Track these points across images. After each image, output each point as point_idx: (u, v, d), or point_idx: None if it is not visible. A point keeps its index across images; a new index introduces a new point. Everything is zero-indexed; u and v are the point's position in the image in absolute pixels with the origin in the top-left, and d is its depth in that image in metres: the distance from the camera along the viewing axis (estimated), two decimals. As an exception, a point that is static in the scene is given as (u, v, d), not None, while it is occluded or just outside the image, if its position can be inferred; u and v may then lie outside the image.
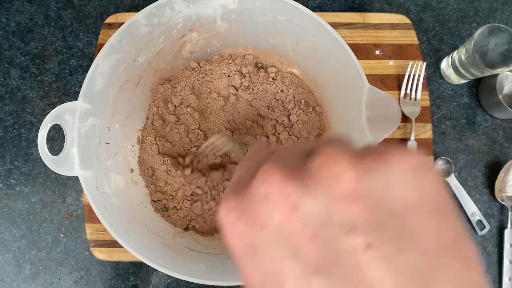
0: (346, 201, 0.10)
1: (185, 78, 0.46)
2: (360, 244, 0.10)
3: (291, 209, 0.11)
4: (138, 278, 0.47)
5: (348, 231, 0.10)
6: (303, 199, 0.11)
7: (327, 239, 0.10)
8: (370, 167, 0.11)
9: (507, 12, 0.55)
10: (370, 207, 0.10)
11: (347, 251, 0.10)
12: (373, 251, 0.10)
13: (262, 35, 0.43)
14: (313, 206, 0.11)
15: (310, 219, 0.11)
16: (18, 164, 0.50)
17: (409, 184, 0.10)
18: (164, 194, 0.43)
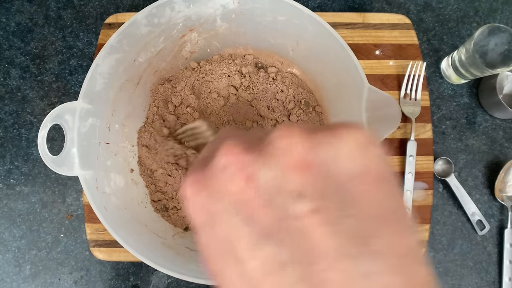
0: (297, 171, 0.11)
1: (185, 78, 0.46)
2: (307, 210, 0.11)
3: (247, 178, 0.12)
4: (138, 278, 0.47)
5: (296, 198, 0.11)
6: (258, 169, 0.12)
7: (278, 206, 0.11)
8: (321, 141, 0.12)
9: (507, 12, 0.55)
10: (318, 177, 0.11)
11: (295, 217, 0.11)
12: (318, 216, 0.11)
13: (262, 35, 0.43)
14: (267, 175, 0.11)
15: (263, 188, 0.11)
16: (18, 164, 0.50)
17: (355, 157, 0.11)
18: (164, 194, 0.43)
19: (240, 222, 0.12)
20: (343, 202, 0.11)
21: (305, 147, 0.11)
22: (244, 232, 0.12)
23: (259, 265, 0.11)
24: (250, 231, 0.11)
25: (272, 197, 0.11)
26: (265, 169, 0.12)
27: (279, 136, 0.12)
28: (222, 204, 0.12)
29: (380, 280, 0.10)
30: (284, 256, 0.11)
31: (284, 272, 0.11)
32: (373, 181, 0.11)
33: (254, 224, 0.11)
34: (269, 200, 0.11)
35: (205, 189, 0.13)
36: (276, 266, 0.11)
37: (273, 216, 0.11)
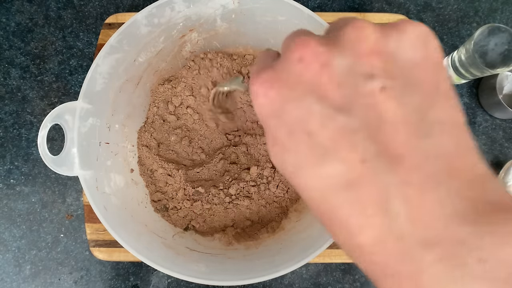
0: (368, 57, 0.13)
1: (184, 79, 0.46)
2: (377, 87, 0.12)
3: (322, 65, 0.13)
4: (138, 278, 0.47)
5: (368, 78, 0.13)
6: (333, 58, 0.13)
7: (350, 86, 0.13)
8: (388, 33, 0.13)
9: (507, 12, 0.55)
10: (386, 62, 0.13)
11: (366, 93, 0.12)
12: (387, 92, 0.12)
13: (262, 35, 0.43)
14: (341, 62, 0.13)
15: (337, 73, 0.13)
16: (18, 164, 0.50)
17: (417, 47, 0.13)
18: (164, 194, 0.43)
19: (313, 101, 0.13)
20: (408, 83, 0.13)
21: (376, 37, 0.13)
22: (317, 109, 0.13)
23: (330, 133, 0.12)
24: (322, 107, 0.13)
25: (345, 79, 0.13)
26: (340, 57, 0.13)
27: (352, 29, 0.13)
28: (295, 92, 0.13)
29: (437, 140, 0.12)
30: (355, 123, 0.12)
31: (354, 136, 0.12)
32: (431, 67, 0.13)
33: (327, 101, 0.13)
34: (342, 82, 0.13)
35: (278, 81, 0.14)
36: (347, 133, 0.12)
37: (345, 94, 0.13)
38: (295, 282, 0.47)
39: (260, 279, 0.32)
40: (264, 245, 0.40)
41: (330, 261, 0.45)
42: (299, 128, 0.13)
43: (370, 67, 0.13)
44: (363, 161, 0.12)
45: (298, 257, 0.32)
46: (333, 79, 0.13)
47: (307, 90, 0.13)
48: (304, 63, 0.13)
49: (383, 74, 0.13)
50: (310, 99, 0.13)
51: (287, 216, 0.43)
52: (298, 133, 0.13)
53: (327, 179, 0.13)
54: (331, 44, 0.13)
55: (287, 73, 0.14)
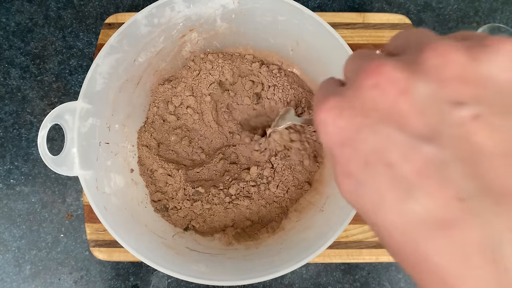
0: (455, 82, 0.11)
1: (184, 79, 0.46)
2: (468, 116, 0.11)
3: (401, 92, 0.11)
4: (138, 278, 0.47)
5: (456, 105, 0.11)
6: (413, 84, 0.11)
7: (435, 114, 0.11)
8: (477, 54, 0.11)
9: (507, 12, 0.55)
10: (476, 86, 0.11)
11: (455, 122, 0.11)
12: (480, 120, 0.11)
13: (262, 35, 0.43)
14: (423, 89, 0.11)
15: (419, 100, 0.11)
16: (18, 164, 0.50)
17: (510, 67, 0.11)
18: (164, 194, 0.43)
19: (392, 130, 0.11)
20: (504, 109, 0.11)
21: (463, 61, 0.11)
22: (397, 138, 0.11)
23: (415, 166, 0.11)
24: (404, 136, 0.11)
25: (428, 107, 0.11)
26: (420, 83, 0.11)
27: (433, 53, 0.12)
28: (371, 119, 0.12)
29: None
30: (445, 155, 0.11)
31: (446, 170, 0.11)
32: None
33: (409, 130, 0.11)
34: (425, 110, 0.11)
35: (348, 108, 0.12)
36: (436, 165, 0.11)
37: (430, 122, 0.11)
38: (295, 282, 0.47)
39: (260, 279, 0.32)
40: (264, 245, 0.40)
41: (330, 261, 0.45)
42: (376, 159, 0.12)
43: (458, 93, 0.11)
44: (461, 199, 0.10)
45: (298, 257, 0.32)
46: (416, 106, 0.11)
47: (384, 118, 0.12)
48: (380, 89, 0.12)
49: (475, 100, 0.11)
50: (389, 127, 0.12)
51: (287, 216, 0.43)
52: (376, 164, 0.12)
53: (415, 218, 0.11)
54: (409, 70, 0.12)
55: (359, 100, 0.12)
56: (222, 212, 0.42)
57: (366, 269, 0.47)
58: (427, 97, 0.11)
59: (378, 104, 0.12)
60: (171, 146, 0.45)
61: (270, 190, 0.42)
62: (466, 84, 0.11)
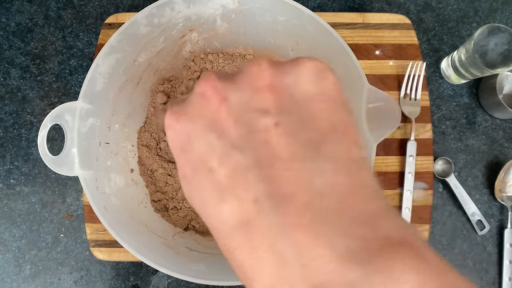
0: (263, 92, 0.13)
1: (184, 79, 0.46)
2: (270, 123, 0.12)
3: (221, 101, 0.13)
4: (138, 278, 0.47)
5: (262, 114, 0.13)
6: (231, 93, 0.13)
7: (246, 122, 0.13)
8: (285, 69, 0.14)
9: (507, 12, 0.55)
10: (281, 97, 0.13)
11: (260, 129, 0.13)
12: (279, 129, 0.12)
13: (262, 35, 0.43)
14: (238, 97, 0.13)
15: (234, 108, 0.13)
16: (18, 164, 0.50)
17: (312, 81, 0.13)
18: (164, 194, 0.43)
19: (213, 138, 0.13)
20: (302, 118, 0.13)
21: (272, 73, 0.13)
22: (216, 145, 0.13)
23: (227, 171, 0.12)
24: (221, 144, 0.13)
25: (241, 115, 0.13)
26: (236, 92, 0.13)
27: (249, 65, 0.14)
28: (197, 126, 0.14)
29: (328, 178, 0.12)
30: (248, 161, 0.12)
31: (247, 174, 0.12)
32: (327, 102, 0.13)
33: (225, 138, 0.13)
34: (239, 118, 0.13)
35: (184, 115, 0.14)
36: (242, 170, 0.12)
37: (241, 131, 0.13)
38: (295, 282, 0.47)
39: (260, 279, 0.32)
40: (264, 245, 0.40)
41: (330, 261, 0.44)
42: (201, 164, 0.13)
43: (264, 103, 0.13)
44: (255, 200, 0.12)
45: (298, 257, 0.32)
46: (231, 114, 0.13)
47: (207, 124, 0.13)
48: (205, 97, 0.14)
49: (277, 110, 0.13)
50: (210, 134, 0.13)
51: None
52: (200, 169, 0.13)
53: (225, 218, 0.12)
54: (230, 81, 0.14)
55: (192, 106, 0.14)
56: (222, 212, 0.42)
57: (366, 269, 0.47)
58: (241, 105, 0.13)
59: (204, 110, 0.14)
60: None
61: None
62: (272, 93, 0.13)
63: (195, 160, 0.13)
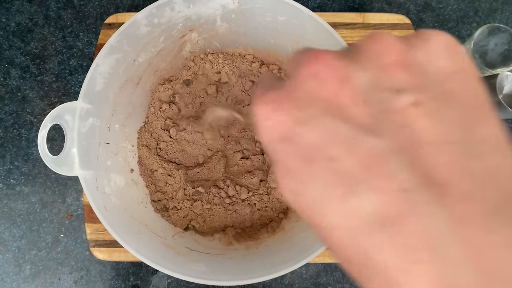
0: (394, 69, 0.11)
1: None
2: (408, 103, 0.11)
3: (342, 81, 0.11)
4: (138, 278, 0.47)
5: (397, 93, 0.11)
6: (353, 72, 0.11)
7: (377, 102, 0.11)
8: (414, 43, 0.12)
9: (507, 12, 0.55)
10: (415, 73, 0.11)
11: (396, 110, 0.11)
12: (420, 107, 0.11)
13: (262, 35, 0.43)
14: (363, 76, 0.11)
15: (359, 89, 0.11)
16: (18, 164, 0.50)
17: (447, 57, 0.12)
18: (164, 194, 0.43)
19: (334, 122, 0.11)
20: (441, 96, 0.11)
21: (400, 49, 0.12)
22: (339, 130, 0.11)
23: (359, 159, 0.10)
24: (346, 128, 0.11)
25: (370, 96, 0.11)
26: (361, 71, 0.11)
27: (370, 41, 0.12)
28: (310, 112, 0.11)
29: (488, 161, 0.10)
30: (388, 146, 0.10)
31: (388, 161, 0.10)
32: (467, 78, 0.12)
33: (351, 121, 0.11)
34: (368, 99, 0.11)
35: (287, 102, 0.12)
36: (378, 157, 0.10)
37: (372, 112, 0.11)
38: (295, 282, 0.47)
39: (260, 279, 0.32)
40: (264, 245, 0.40)
41: (330, 261, 0.45)
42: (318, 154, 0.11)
43: (396, 81, 0.11)
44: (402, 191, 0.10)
45: (298, 257, 0.32)
46: (356, 96, 0.11)
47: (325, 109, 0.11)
48: (319, 79, 0.11)
49: (414, 88, 0.11)
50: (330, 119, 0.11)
51: (287, 216, 0.43)
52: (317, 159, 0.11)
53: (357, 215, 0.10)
54: (349, 58, 0.12)
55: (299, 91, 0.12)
56: (222, 212, 0.42)
57: (366, 269, 0.47)
58: (367, 85, 0.11)
59: (318, 94, 0.11)
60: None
61: (273, 196, 0.42)
62: (405, 70, 0.11)
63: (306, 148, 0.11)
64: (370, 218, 0.10)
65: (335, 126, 0.11)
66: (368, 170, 0.10)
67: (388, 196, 0.10)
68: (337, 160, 0.11)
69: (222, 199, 0.42)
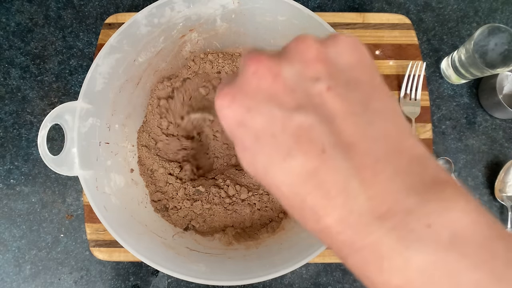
0: (313, 63, 0.15)
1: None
2: (323, 88, 0.15)
3: (275, 76, 0.15)
4: (138, 278, 0.47)
5: (315, 80, 0.15)
6: (283, 68, 0.15)
7: (301, 89, 0.15)
8: (327, 43, 0.16)
9: (507, 12, 0.55)
10: (329, 66, 0.15)
11: (315, 94, 0.15)
12: (332, 91, 0.15)
13: (262, 35, 0.43)
14: (290, 70, 0.15)
15: (289, 80, 0.15)
16: (18, 164, 0.50)
17: (352, 53, 0.16)
18: (164, 194, 0.43)
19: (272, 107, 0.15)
20: (349, 82, 0.15)
21: (318, 47, 0.15)
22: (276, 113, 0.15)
23: (291, 132, 0.14)
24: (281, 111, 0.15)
25: (296, 85, 0.15)
26: (289, 66, 0.15)
27: (295, 42, 0.16)
28: (255, 101, 0.15)
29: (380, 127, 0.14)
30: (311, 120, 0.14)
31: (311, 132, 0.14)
32: (365, 67, 0.16)
33: (285, 106, 0.15)
34: (295, 87, 0.15)
35: (239, 93, 0.15)
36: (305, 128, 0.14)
37: (298, 97, 0.15)
38: (295, 282, 0.47)
39: (260, 279, 0.32)
40: (264, 245, 0.40)
41: (330, 261, 0.45)
42: (264, 132, 0.15)
43: (316, 71, 0.15)
44: (323, 151, 0.14)
45: (298, 257, 0.32)
46: (286, 86, 0.15)
47: (265, 98, 0.15)
48: (258, 75, 0.15)
49: (328, 76, 0.15)
50: (270, 106, 0.15)
51: (287, 216, 0.43)
52: (263, 137, 0.15)
53: (294, 172, 0.14)
54: (280, 57, 0.16)
55: (246, 86, 0.15)
56: (222, 212, 0.42)
57: (366, 269, 0.47)
58: (294, 76, 0.15)
59: (259, 87, 0.15)
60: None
61: (273, 196, 0.42)
62: (321, 64, 0.15)
63: (256, 129, 0.15)
64: (302, 173, 0.14)
65: (273, 111, 0.15)
66: (298, 139, 0.14)
67: (313, 155, 0.14)
68: (276, 136, 0.14)
69: (222, 199, 0.42)
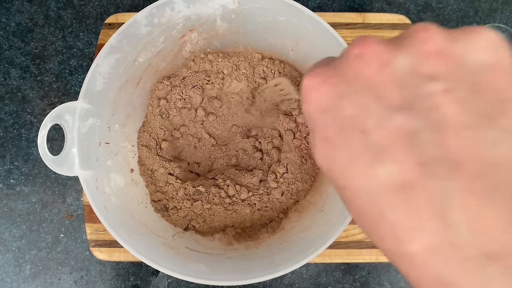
0: (432, 57, 0.12)
1: (185, 78, 0.46)
2: (439, 89, 0.12)
3: (383, 64, 0.13)
4: (138, 278, 0.47)
5: (430, 79, 0.12)
6: (395, 57, 0.13)
7: (412, 86, 0.12)
8: (456, 36, 0.13)
9: (507, 12, 0.55)
10: (451, 64, 0.12)
11: (427, 94, 0.12)
12: (450, 95, 0.12)
13: (262, 35, 0.43)
14: (403, 61, 0.13)
15: (398, 72, 0.12)
16: (18, 164, 0.50)
17: (487, 51, 0.12)
18: (164, 194, 0.43)
19: (370, 99, 0.12)
20: (475, 88, 0.12)
21: (442, 39, 0.13)
22: (374, 107, 0.12)
23: (387, 133, 0.12)
24: (380, 106, 0.12)
25: (406, 80, 0.12)
26: (402, 56, 0.13)
27: (415, 29, 0.13)
28: (351, 88, 0.13)
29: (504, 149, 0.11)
30: (414, 124, 0.12)
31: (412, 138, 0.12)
32: (502, 73, 0.12)
33: (385, 100, 0.12)
34: (403, 82, 0.12)
35: (333, 76, 0.13)
36: (405, 133, 0.12)
37: (405, 94, 0.12)
38: (295, 282, 0.47)
39: (260, 279, 0.32)
40: (264, 245, 0.40)
41: (330, 261, 0.45)
42: (352, 125, 0.13)
43: (433, 68, 0.12)
44: (422, 164, 0.11)
45: (298, 257, 0.32)
46: (394, 78, 0.12)
47: (364, 87, 0.13)
48: (363, 59, 0.13)
49: (447, 76, 0.12)
50: (367, 96, 0.12)
51: (287, 216, 0.43)
52: (351, 130, 0.13)
53: (380, 179, 0.12)
54: (394, 44, 0.13)
55: (344, 69, 0.13)
56: (222, 212, 0.42)
57: (366, 269, 0.47)
58: (406, 69, 0.12)
59: (360, 73, 0.13)
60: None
61: (273, 196, 0.42)
62: (442, 60, 0.12)
63: (343, 119, 0.13)
64: (389, 184, 0.12)
65: (370, 103, 0.12)
66: (394, 143, 0.12)
67: (408, 166, 0.12)
68: (368, 132, 0.12)
69: (222, 199, 0.42)
